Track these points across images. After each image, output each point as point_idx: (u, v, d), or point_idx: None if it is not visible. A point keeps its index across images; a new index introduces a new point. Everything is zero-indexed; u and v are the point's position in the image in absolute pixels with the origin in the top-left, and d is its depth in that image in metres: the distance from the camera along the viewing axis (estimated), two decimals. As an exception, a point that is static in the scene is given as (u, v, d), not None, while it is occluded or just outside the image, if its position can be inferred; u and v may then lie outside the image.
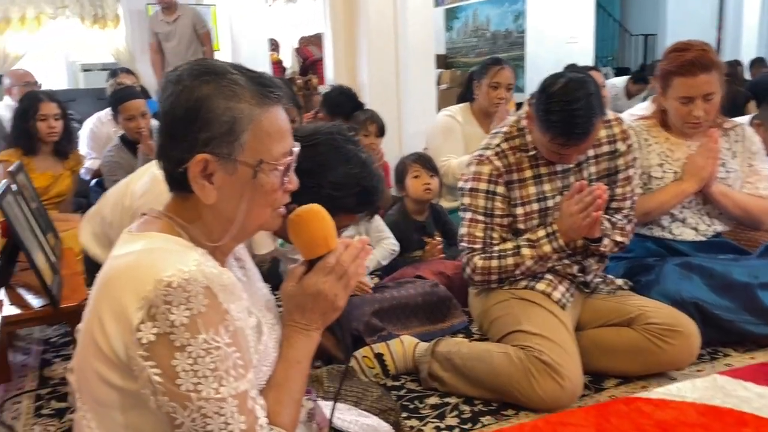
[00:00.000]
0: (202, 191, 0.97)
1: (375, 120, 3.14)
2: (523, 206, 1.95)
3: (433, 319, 2.29)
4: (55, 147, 3.20)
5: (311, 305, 1.05)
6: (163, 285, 0.87)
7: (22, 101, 3.17)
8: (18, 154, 3.09)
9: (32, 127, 3.09)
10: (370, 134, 3.12)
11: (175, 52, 5.79)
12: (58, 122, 3.14)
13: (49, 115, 3.10)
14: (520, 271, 1.93)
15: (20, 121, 3.11)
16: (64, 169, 3.27)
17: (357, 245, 1.08)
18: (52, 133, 3.12)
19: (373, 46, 4.02)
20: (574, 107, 1.72)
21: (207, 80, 0.96)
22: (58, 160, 3.24)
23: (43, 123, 3.10)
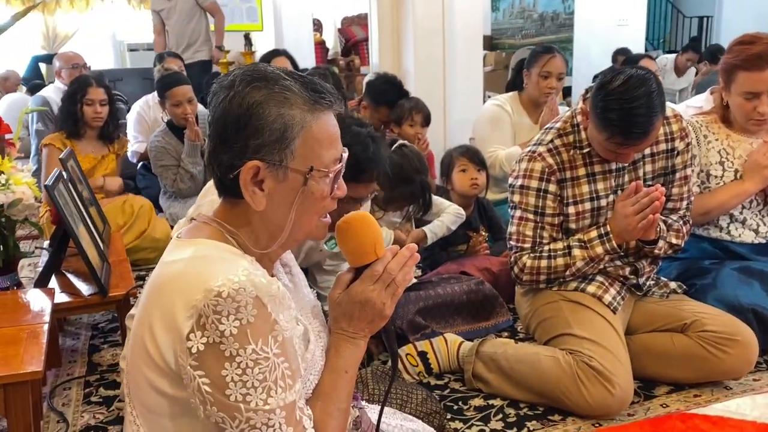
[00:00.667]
0: (252, 198, 0.96)
1: (420, 109, 3.09)
2: (575, 205, 1.89)
3: (478, 317, 2.26)
4: (100, 131, 3.23)
5: (359, 313, 1.04)
6: (212, 295, 0.86)
7: (72, 84, 3.21)
8: (62, 138, 3.14)
9: (79, 110, 3.13)
10: (416, 124, 3.07)
11: (176, 29, 5.55)
12: (104, 108, 3.18)
13: (95, 100, 3.14)
14: (570, 272, 1.87)
15: (68, 104, 3.15)
16: (109, 153, 3.31)
17: (405, 253, 1.06)
18: (97, 118, 3.16)
19: (420, 28, 3.94)
20: (634, 105, 1.64)
21: (259, 86, 0.95)
22: (102, 144, 3.28)
23: (89, 108, 3.13)
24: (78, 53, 4.84)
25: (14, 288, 2.04)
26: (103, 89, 3.18)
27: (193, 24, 5.55)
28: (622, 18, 7.63)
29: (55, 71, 4.79)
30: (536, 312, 1.97)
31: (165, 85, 3.33)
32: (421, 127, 3.09)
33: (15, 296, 1.87)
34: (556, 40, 8.98)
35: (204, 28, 5.67)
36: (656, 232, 1.85)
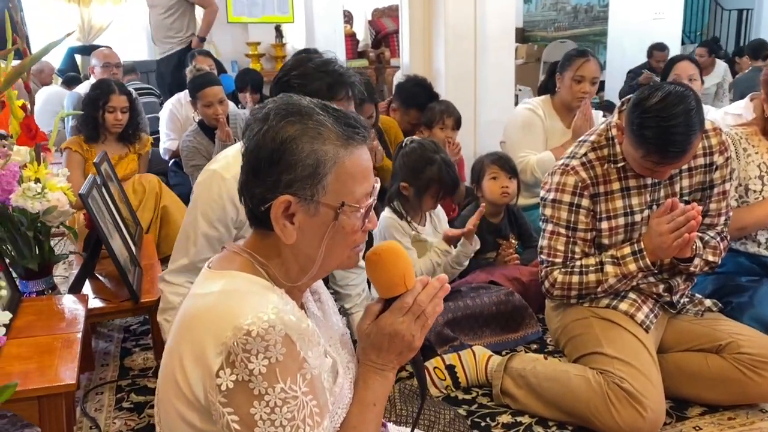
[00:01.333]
0: (283, 231, 0.96)
1: (452, 112, 3.06)
2: (609, 220, 1.86)
3: (507, 328, 2.24)
4: (119, 135, 3.25)
5: (387, 345, 1.04)
6: (242, 333, 0.87)
7: (94, 89, 3.22)
8: (80, 141, 3.16)
9: (100, 116, 3.15)
10: (446, 127, 3.03)
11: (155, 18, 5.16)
12: (125, 115, 3.19)
13: (117, 108, 3.15)
14: (602, 288, 1.84)
15: (89, 109, 3.15)
16: (129, 153, 3.32)
17: (435, 284, 1.05)
18: (117, 125, 3.18)
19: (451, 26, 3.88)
20: (672, 123, 1.60)
21: (293, 121, 0.95)
22: (122, 145, 3.29)
23: (110, 115, 3.15)
24: (113, 51, 4.83)
25: (49, 291, 2.08)
26: (125, 96, 3.20)
27: (174, 18, 5.15)
28: (658, 11, 7.45)
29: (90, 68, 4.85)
30: (566, 328, 1.95)
31: (197, 85, 3.34)
32: (451, 131, 3.06)
33: (50, 303, 1.91)
34: (589, 33, 8.83)
35: (186, 24, 5.24)
36: (692, 249, 1.81)
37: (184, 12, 5.18)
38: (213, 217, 1.72)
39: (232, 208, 1.71)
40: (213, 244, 1.76)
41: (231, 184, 1.68)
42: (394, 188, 2.38)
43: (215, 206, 1.71)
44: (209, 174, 1.73)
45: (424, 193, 2.30)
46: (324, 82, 1.62)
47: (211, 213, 1.72)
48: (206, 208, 1.72)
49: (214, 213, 1.71)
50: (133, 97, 3.29)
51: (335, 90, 1.63)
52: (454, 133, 3.06)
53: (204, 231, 1.74)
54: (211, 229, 1.74)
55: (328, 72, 1.65)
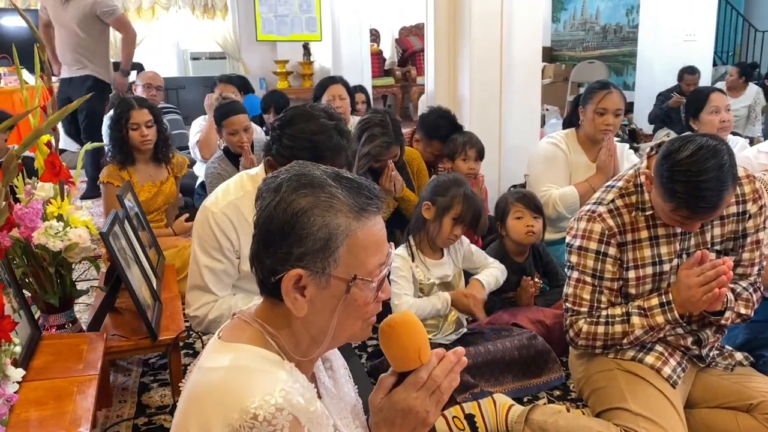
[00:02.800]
0: (293, 304, 0.94)
1: (474, 143, 3.03)
2: (636, 269, 1.80)
3: (529, 373, 2.19)
4: (153, 154, 3.17)
5: (400, 421, 1.01)
6: (249, 417, 0.85)
7: (115, 110, 3.15)
8: (117, 171, 3.10)
9: (125, 136, 3.07)
10: (469, 159, 3.00)
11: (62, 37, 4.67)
12: (151, 129, 3.10)
13: (141, 123, 3.06)
14: (629, 340, 1.79)
15: (114, 132, 3.07)
16: (168, 175, 3.27)
17: (452, 358, 1.02)
18: (145, 141, 3.08)
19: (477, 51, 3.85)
20: (703, 179, 1.55)
21: (305, 193, 0.93)
22: (159, 167, 3.23)
23: (135, 132, 3.06)
24: (158, 74, 4.83)
25: (70, 324, 2.09)
26: (146, 110, 3.11)
27: (82, 37, 4.66)
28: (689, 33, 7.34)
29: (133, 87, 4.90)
30: (590, 379, 1.89)
31: (222, 114, 3.36)
32: (474, 162, 3.02)
33: (68, 342, 1.90)
34: (618, 54, 8.75)
35: (100, 46, 4.80)
36: (723, 303, 1.75)
37: (98, 33, 4.72)
38: (209, 249, 1.90)
39: (224, 238, 1.89)
40: (219, 276, 1.95)
41: (219, 216, 1.87)
42: (416, 213, 2.34)
43: (209, 239, 1.89)
44: (201, 210, 1.94)
45: (445, 215, 2.23)
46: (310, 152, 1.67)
47: (207, 245, 1.90)
48: (202, 241, 1.91)
49: (210, 245, 1.89)
50: (155, 111, 3.21)
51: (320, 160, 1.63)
52: (477, 164, 3.03)
53: (205, 263, 1.92)
54: (211, 260, 1.91)
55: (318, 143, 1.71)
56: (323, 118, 1.76)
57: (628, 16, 8.40)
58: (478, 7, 3.75)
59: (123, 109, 3.11)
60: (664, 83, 6.87)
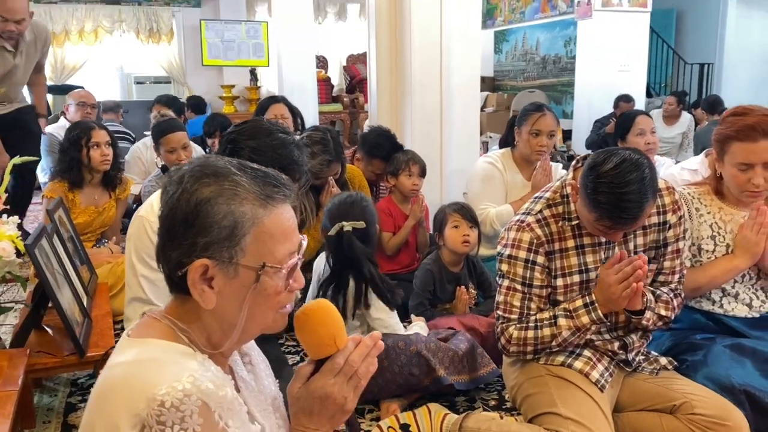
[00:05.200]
0: (201, 296, 0.93)
1: (417, 160, 3.09)
2: (564, 277, 1.86)
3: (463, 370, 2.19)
4: (103, 177, 3.18)
5: (318, 408, 1.00)
6: (156, 404, 0.83)
7: (72, 131, 3.16)
8: (63, 188, 3.08)
9: (84, 156, 3.07)
10: (413, 174, 3.05)
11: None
12: (110, 149, 3.13)
13: (101, 143, 3.09)
14: (557, 342, 1.83)
15: (71, 152, 3.07)
16: (110, 200, 3.26)
17: (368, 342, 1.02)
18: (104, 161, 3.11)
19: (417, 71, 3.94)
20: (624, 191, 1.61)
21: (207, 182, 0.93)
22: (104, 191, 3.23)
23: (96, 151, 3.08)
24: (90, 93, 4.76)
25: (-6, 347, 2.01)
26: (105, 131, 3.15)
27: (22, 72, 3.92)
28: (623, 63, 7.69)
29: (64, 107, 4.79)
30: (522, 386, 1.92)
31: (160, 131, 3.32)
32: (417, 178, 3.08)
33: (-12, 358, 1.83)
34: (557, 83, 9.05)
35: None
36: (643, 302, 1.82)
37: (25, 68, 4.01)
38: (147, 258, 1.80)
39: None
40: (159, 285, 1.81)
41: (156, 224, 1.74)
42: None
43: (146, 248, 1.80)
44: (136, 218, 1.86)
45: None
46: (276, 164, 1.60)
47: (145, 254, 1.81)
48: (138, 251, 1.83)
49: (147, 253, 1.80)
50: (111, 133, 3.23)
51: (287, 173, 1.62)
52: (420, 181, 3.08)
53: (143, 273, 1.83)
54: (149, 270, 1.81)
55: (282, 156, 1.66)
56: (280, 132, 1.74)
57: (566, 48, 8.72)
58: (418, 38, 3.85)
59: (83, 129, 3.13)
60: (601, 111, 7.15)
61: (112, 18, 8.79)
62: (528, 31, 9.46)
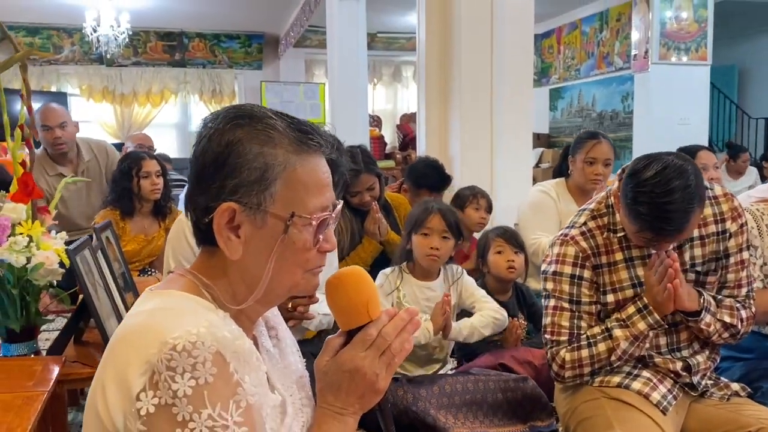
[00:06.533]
0: (227, 245, 0.88)
1: (483, 194, 3.04)
2: (614, 293, 1.73)
3: (514, 418, 2.02)
4: (154, 206, 3.23)
5: (347, 385, 0.91)
6: (167, 348, 0.77)
7: (123, 161, 3.25)
8: (115, 217, 3.13)
9: (135, 185, 3.14)
10: (481, 208, 3.00)
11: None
12: (160, 179, 3.20)
13: (151, 172, 3.16)
14: (616, 356, 1.68)
15: (123, 181, 3.16)
16: (159, 229, 3.30)
17: (404, 316, 0.93)
18: (155, 190, 3.16)
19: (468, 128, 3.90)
20: (667, 200, 1.50)
21: (241, 124, 0.89)
22: (154, 220, 3.27)
23: (146, 180, 3.15)
24: (148, 136, 5.00)
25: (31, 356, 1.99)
26: (155, 161, 3.23)
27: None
28: (683, 117, 7.51)
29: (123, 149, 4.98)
30: (576, 411, 1.76)
31: None
32: (485, 212, 3.02)
33: (22, 362, 1.81)
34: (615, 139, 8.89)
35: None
36: (699, 303, 1.67)
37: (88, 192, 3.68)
38: (179, 256, 1.87)
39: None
40: None
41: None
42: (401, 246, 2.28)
43: (183, 248, 1.88)
44: (178, 222, 1.97)
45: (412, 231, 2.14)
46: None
47: (180, 255, 1.88)
48: (176, 251, 1.91)
49: (183, 254, 1.87)
50: (162, 164, 3.30)
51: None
52: (487, 216, 3.02)
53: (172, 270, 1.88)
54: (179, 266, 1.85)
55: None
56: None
57: (624, 103, 8.60)
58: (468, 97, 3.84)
59: (134, 159, 3.21)
60: (661, 165, 6.94)
61: (177, 80, 9.24)
62: (583, 88, 9.41)
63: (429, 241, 2.12)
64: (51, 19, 8.37)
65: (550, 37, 10.12)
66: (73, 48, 8.91)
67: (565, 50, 9.81)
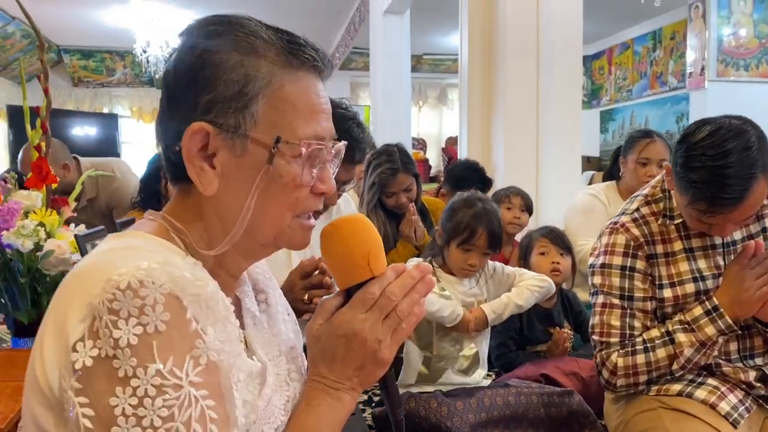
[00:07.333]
0: (199, 176, 0.72)
1: (518, 192, 2.80)
2: (673, 287, 1.51)
3: None
4: None
5: (343, 353, 0.74)
6: (111, 286, 0.61)
7: (153, 164, 3.20)
8: (140, 215, 3.10)
9: (162, 187, 3.09)
10: (514, 207, 2.75)
11: None
12: None
13: None
14: (679, 364, 1.46)
15: (152, 183, 3.11)
16: None
17: (413, 273, 0.76)
18: None
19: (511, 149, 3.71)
20: (722, 164, 1.30)
21: (219, 31, 0.73)
22: None
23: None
24: None
25: (41, 351, 1.89)
26: None
27: None
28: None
29: None
30: (629, 423, 1.54)
31: None
32: (520, 212, 2.76)
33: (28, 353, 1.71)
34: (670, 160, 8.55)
35: None
36: None
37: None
38: None
39: None
40: None
41: None
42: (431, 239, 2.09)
43: None
44: None
45: (451, 240, 1.89)
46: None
47: None
48: None
49: None
50: None
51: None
52: (523, 216, 2.77)
53: None
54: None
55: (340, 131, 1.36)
56: (339, 108, 1.59)
57: (679, 123, 8.25)
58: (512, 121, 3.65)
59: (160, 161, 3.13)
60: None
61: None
62: (636, 109, 9.11)
63: (468, 257, 1.89)
64: (104, 43, 8.59)
65: (601, 58, 9.87)
66: (124, 71, 9.13)
67: (616, 71, 9.54)
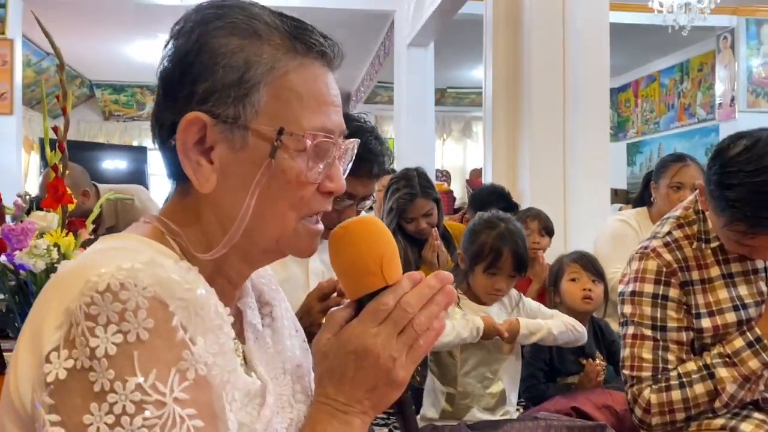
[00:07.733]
0: (195, 172, 0.66)
1: (537, 214, 2.72)
2: (712, 317, 1.41)
3: None
4: None
5: (353, 372, 0.66)
6: (89, 288, 0.55)
7: None
8: None
9: None
10: (532, 231, 2.65)
11: None
12: None
13: None
14: (722, 402, 1.36)
15: None
16: None
17: (432, 282, 0.68)
18: None
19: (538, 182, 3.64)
20: (762, 179, 1.23)
21: (218, 14, 0.68)
22: None
23: None
24: None
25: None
26: None
27: None
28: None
29: None
30: (667, 460, 1.43)
31: None
32: (539, 236, 2.67)
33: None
34: (700, 193, 8.38)
35: None
36: None
37: None
38: None
39: None
40: None
41: None
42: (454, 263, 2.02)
43: None
44: None
45: (475, 265, 1.80)
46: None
47: None
48: None
49: None
50: None
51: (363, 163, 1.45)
52: (542, 240, 2.68)
53: None
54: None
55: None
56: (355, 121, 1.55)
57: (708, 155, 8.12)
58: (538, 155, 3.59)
59: None
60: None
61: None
62: (664, 142, 8.98)
63: (495, 281, 1.81)
64: (134, 77, 8.77)
65: (627, 90, 9.80)
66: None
67: (642, 103, 9.45)
